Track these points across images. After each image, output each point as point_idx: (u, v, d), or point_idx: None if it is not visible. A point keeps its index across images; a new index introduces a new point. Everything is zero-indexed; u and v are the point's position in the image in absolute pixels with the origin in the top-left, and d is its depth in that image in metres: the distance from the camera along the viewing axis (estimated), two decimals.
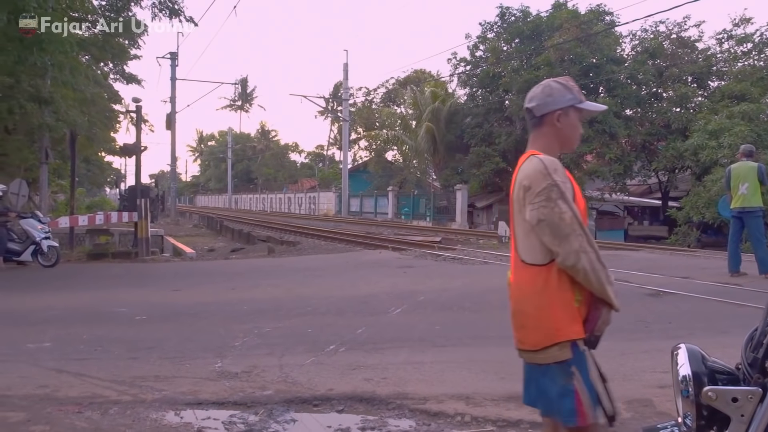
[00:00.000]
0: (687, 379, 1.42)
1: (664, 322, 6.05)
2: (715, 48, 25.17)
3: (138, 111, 15.72)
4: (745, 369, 1.43)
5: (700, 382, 1.40)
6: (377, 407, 3.68)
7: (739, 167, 8.93)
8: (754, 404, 1.35)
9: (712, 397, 1.36)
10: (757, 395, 1.35)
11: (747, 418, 1.35)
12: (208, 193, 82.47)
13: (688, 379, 1.41)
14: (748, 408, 1.35)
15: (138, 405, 3.68)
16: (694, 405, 1.40)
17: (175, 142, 36.30)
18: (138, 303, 7.29)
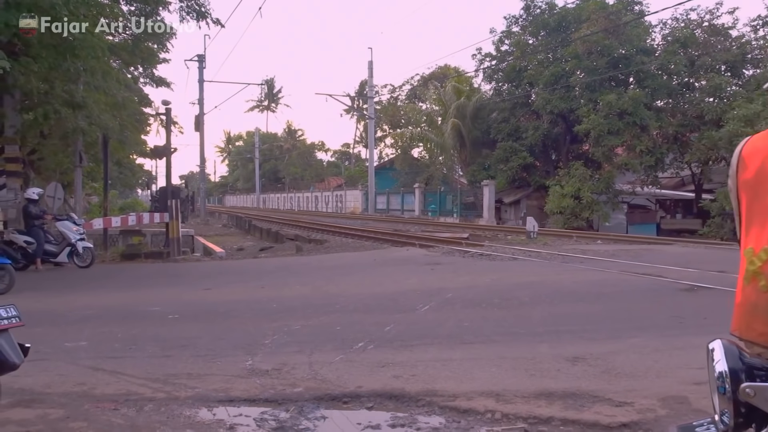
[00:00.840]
0: (723, 375, 1.38)
1: (699, 318, 5.92)
2: (749, 35, 24.49)
3: (167, 113, 15.99)
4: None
5: (738, 378, 1.36)
6: (407, 404, 3.68)
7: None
8: None
9: (750, 394, 1.33)
10: None
11: None
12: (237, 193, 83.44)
13: (725, 376, 1.37)
14: None
15: (172, 402, 3.74)
16: (731, 402, 1.36)
17: (203, 143, 36.96)
18: (170, 302, 7.41)
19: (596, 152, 24.45)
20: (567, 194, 24.06)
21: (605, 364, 4.32)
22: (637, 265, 9.75)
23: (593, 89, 24.81)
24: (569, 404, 3.57)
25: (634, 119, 23.18)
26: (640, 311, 6.43)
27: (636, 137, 23.73)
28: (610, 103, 22.98)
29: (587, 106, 24.47)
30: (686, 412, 3.31)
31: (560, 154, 28.82)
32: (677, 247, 13.96)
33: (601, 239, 16.82)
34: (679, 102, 25.31)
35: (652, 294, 7.36)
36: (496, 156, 28.63)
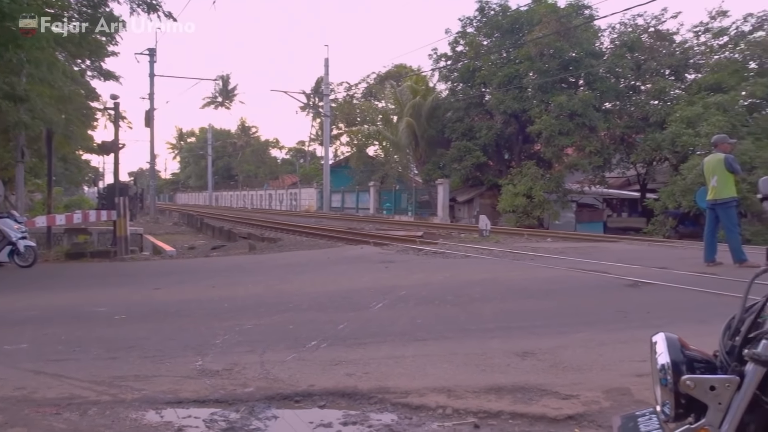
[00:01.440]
0: (666, 367, 1.43)
1: (642, 312, 6.13)
2: (692, 41, 25.53)
3: (116, 108, 15.52)
4: (723, 357, 1.45)
5: (679, 370, 1.42)
6: (359, 402, 3.68)
7: (709, 160, 9.14)
8: (731, 392, 1.37)
9: (690, 386, 1.38)
10: (734, 383, 1.37)
11: (724, 406, 1.36)
12: (188, 191, 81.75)
13: (667, 368, 1.43)
14: (726, 396, 1.37)
15: (117, 405, 3.64)
16: (672, 393, 1.41)
17: (153, 139, 36.04)
18: (117, 302, 7.20)
19: (547, 152, 25.04)
20: (519, 193, 24.55)
21: (553, 359, 4.42)
22: (585, 262, 10.02)
23: (545, 90, 25.38)
24: (518, 398, 3.64)
25: (583, 120, 23.83)
26: (587, 307, 6.61)
27: (585, 138, 24.41)
28: (561, 105, 23.56)
29: (539, 106, 25.02)
30: (629, 404, 3.43)
31: (513, 153, 29.38)
32: (622, 244, 14.43)
33: (551, 237, 17.22)
34: (625, 104, 26.17)
35: (598, 290, 7.59)
36: (451, 155, 28.96)
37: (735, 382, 1.37)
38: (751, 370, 1.37)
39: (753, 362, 1.37)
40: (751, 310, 1.46)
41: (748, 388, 1.36)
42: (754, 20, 23.31)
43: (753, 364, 1.37)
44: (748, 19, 23.46)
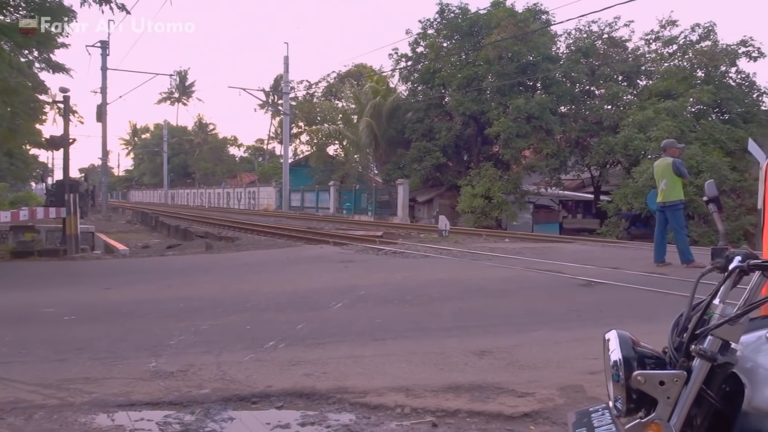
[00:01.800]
0: (618, 364, 1.47)
1: (595, 311, 6.29)
2: (643, 48, 26.35)
3: (66, 101, 15.00)
4: (672, 353, 1.50)
5: (630, 366, 1.46)
6: (317, 402, 3.66)
7: (658, 164, 9.47)
8: (679, 387, 1.41)
9: (641, 381, 1.42)
10: (682, 378, 1.42)
11: (673, 400, 1.41)
12: (143, 188, 79.76)
13: (619, 364, 1.47)
14: (674, 390, 1.41)
15: (66, 409, 3.51)
16: (624, 389, 1.45)
17: (106, 134, 34.81)
18: (67, 302, 6.96)
19: (505, 154, 25.44)
20: (478, 194, 24.87)
21: (510, 357, 4.49)
22: (541, 262, 10.22)
23: (503, 93, 25.77)
24: (475, 396, 3.68)
25: (540, 123, 24.31)
26: (543, 306, 6.74)
27: (542, 141, 24.91)
28: (519, 107, 23.97)
29: (497, 109, 25.39)
30: (582, 400, 3.50)
31: (472, 155, 29.74)
32: (577, 245, 14.78)
33: (508, 237, 17.49)
34: (581, 108, 26.81)
35: (554, 289, 7.75)
36: (411, 155, 29.11)
37: (683, 377, 1.42)
38: (697, 365, 1.42)
39: (699, 358, 1.42)
40: (697, 308, 1.51)
41: (694, 383, 1.41)
42: (701, 30, 24.24)
43: (699, 359, 1.42)
44: (696, 29, 24.39)
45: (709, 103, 21.87)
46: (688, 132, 20.31)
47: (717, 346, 1.42)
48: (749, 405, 1.35)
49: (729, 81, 23.97)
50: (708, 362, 1.41)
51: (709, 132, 20.99)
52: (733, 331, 1.42)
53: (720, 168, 19.15)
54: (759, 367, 1.40)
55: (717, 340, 1.42)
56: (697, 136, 20.54)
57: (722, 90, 22.67)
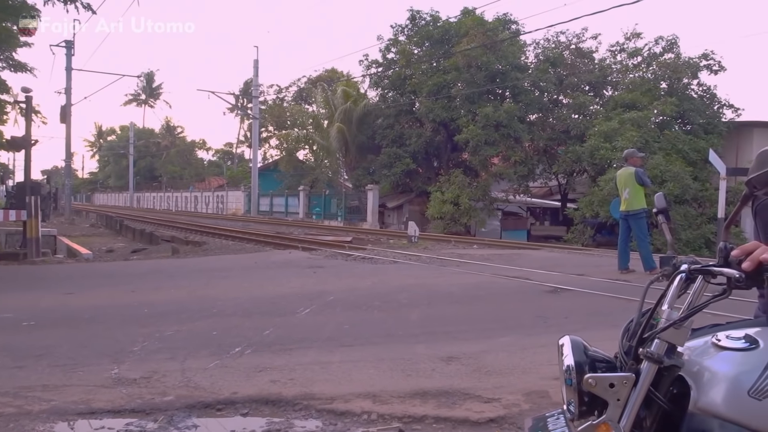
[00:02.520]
0: (570, 368, 1.52)
1: (560, 317, 6.38)
2: (609, 59, 26.92)
3: (28, 102, 14.61)
4: (622, 357, 1.55)
5: (582, 370, 1.51)
6: (283, 409, 3.63)
7: (621, 173, 9.69)
8: (628, 389, 1.46)
9: (592, 384, 1.47)
10: (630, 380, 1.47)
11: (622, 401, 1.46)
12: (108, 191, 78.13)
13: (571, 369, 1.52)
14: (624, 392, 1.46)
15: (23, 417, 3.41)
16: (576, 392, 1.50)
17: (70, 135, 33.91)
18: (26, 308, 6.77)
19: (474, 161, 25.68)
20: (447, 200, 25.03)
21: (477, 363, 4.53)
22: (509, 268, 10.34)
23: (472, 101, 26.04)
24: (442, 402, 3.70)
25: (508, 131, 24.61)
26: (510, 312, 6.82)
27: (510, 148, 25.22)
28: (488, 115, 24.24)
29: (467, 116, 25.63)
30: (546, 405, 3.55)
31: (441, 161, 29.94)
32: (544, 251, 14.98)
33: (477, 244, 17.64)
34: (548, 117, 27.23)
35: (521, 295, 7.84)
36: (381, 161, 29.18)
37: (631, 380, 1.46)
38: (645, 368, 1.47)
39: (647, 360, 1.47)
40: (647, 313, 1.56)
41: (642, 385, 1.46)
42: (665, 43, 24.88)
43: (647, 361, 1.47)
44: (659, 42, 25.02)
45: (671, 114, 22.46)
46: (652, 142, 20.81)
47: (663, 349, 1.46)
48: (695, 406, 1.40)
49: (691, 93, 24.65)
50: (655, 364, 1.46)
51: (672, 142, 21.55)
52: (679, 334, 1.47)
53: (682, 177, 19.66)
54: (704, 370, 1.45)
55: (663, 343, 1.47)
56: (660, 146, 21.06)
57: (685, 101, 23.30)
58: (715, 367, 1.44)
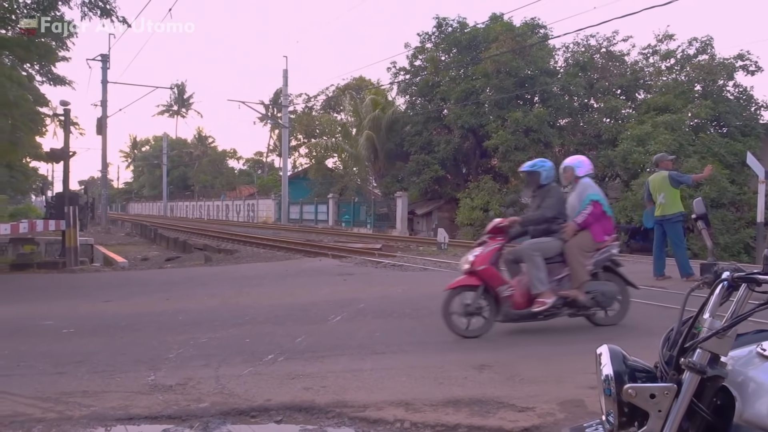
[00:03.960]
0: (609, 378, 1.49)
1: (595, 325, 6.26)
2: (642, 62, 26.48)
3: (66, 114, 15.07)
4: (662, 367, 1.51)
5: (621, 380, 1.47)
6: (316, 416, 3.64)
7: (654, 179, 9.49)
8: (670, 399, 1.43)
9: (632, 394, 1.44)
10: (672, 391, 1.43)
11: (664, 413, 1.42)
12: (142, 201, 79.80)
13: (610, 379, 1.49)
14: (665, 403, 1.43)
15: (64, 422, 3.50)
16: (615, 402, 1.47)
17: (106, 147, 34.81)
18: (65, 315, 6.95)
19: (504, 167, 25.48)
20: (476, 207, 24.89)
21: (510, 371, 4.48)
22: None
23: (501, 106, 25.88)
24: (475, 411, 3.67)
25: (538, 136, 24.38)
26: None
27: (540, 153, 24.91)
28: (517, 121, 24.06)
29: (496, 122, 25.48)
30: (582, 415, 3.49)
31: (470, 167, 29.79)
32: None
33: None
34: (579, 121, 26.88)
35: None
36: (409, 168, 29.18)
37: (673, 390, 1.43)
38: (687, 378, 1.43)
39: (689, 370, 1.43)
40: (687, 322, 1.52)
41: (685, 396, 1.42)
42: (698, 44, 24.37)
43: (689, 372, 1.43)
44: (693, 43, 24.52)
45: (706, 117, 21.96)
46: (686, 145, 20.37)
47: (706, 359, 1.43)
48: (740, 418, 1.36)
49: (727, 94, 24.08)
50: (697, 375, 1.42)
51: (708, 145, 21.06)
52: (722, 344, 1.43)
53: (719, 181, 19.18)
54: (750, 381, 1.40)
55: (706, 353, 1.43)
56: (695, 150, 20.60)
57: (720, 104, 22.77)
58: (761, 377, 1.40)
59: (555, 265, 5.74)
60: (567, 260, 5.70)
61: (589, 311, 5.81)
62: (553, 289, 5.64)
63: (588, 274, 5.70)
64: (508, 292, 5.58)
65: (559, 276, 5.72)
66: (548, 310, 5.60)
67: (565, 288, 5.69)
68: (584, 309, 5.77)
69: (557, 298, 5.61)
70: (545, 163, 6.21)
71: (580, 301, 5.65)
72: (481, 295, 5.56)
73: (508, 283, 5.66)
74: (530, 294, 5.61)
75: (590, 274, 5.76)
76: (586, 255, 5.73)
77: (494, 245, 5.75)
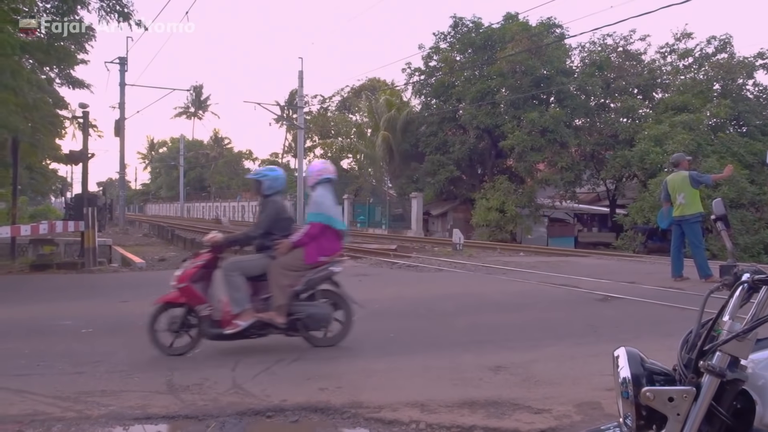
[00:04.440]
0: (626, 381, 1.47)
1: (612, 326, 6.22)
2: (659, 61, 26.21)
3: (85, 117, 15.26)
4: (681, 370, 1.49)
5: (639, 383, 1.45)
6: (332, 417, 3.65)
7: (673, 179, 9.35)
8: (688, 403, 1.41)
9: (650, 397, 1.42)
10: (691, 394, 1.41)
11: (683, 416, 1.40)
12: (159, 202, 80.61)
13: (628, 381, 1.47)
14: (684, 407, 1.40)
15: (83, 421, 3.54)
16: (633, 405, 1.45)
17: (124, 149, 35.23)
18: (84, 315, 7.03)
19: (519, 167, 25.37)
20: (492, 207, 24.80)
21: (525, 373, 4.45)
22: (556, 276, 10.15)
23: (517, 107, 25.76)
24: (491, 412, 3.65)
25: (554, 136, 24.23)
26: (558, 321, 6.68)
27: (556, 154, 24.81)
28: (533, 121, 23.93)
29: (511, 122, 25.37)
30: (599, 417, 3.46)
31: (486, 168, 29.70)
32: (593, 259, 14.65)
33: (523, 251, 17.39)
34: (595, 121, 26.69)
35: (569, 304, 7.68)
36: (425, 169, 29.15)
37: (692, 393, 1.41)
38: (706, 381, 1.41)
39: (708, 374, 1.41)
40: (706, 324, 1.50)
41: (704, 399, 1.40)
42: (717, 43, 24.07)
43: (708, 375, 1.41)
44: (711, 42, 24.22)
45: (725, 116, 21.67)
46: (705, 145, 20.14)
47: (725, 362, 1.41)
48: (761, 422, 1.34)
49: (746, 93, 23.77)
50: (717, 378, 1.40)
51: (727, 145, 20.79)
52: (742, 347, 1.41)
53: (738, 181, 18.92)
54: None
55: (725, 356, 1.41)
56: (714, 149, 20.35)
57: (740, 103, 22.47)
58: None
59: (265, 283, 5.28)
60: (268, 280, 5.24)
61: (298, 333, 5.27)
62: (256, 309, 5.20)
63: (288, 297, 5.19)
64: (206, 312, 5.17)
65: (268, 295, 5.26)
66: (247, 331, 5.14)
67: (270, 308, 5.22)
68: (290, 330, 5.25)
69: (255, 320, 5.15)
70: (272, 171, 5.66)
71: (278, 323, 5.16)
72: (188, 313, 5.18)
73: (207, 302, 5.21)
74: (232, 313, 5.17)
75: (298, 294, 5.26)
76: (290, 275, 5.24)
77: (198, 262, 5.38)
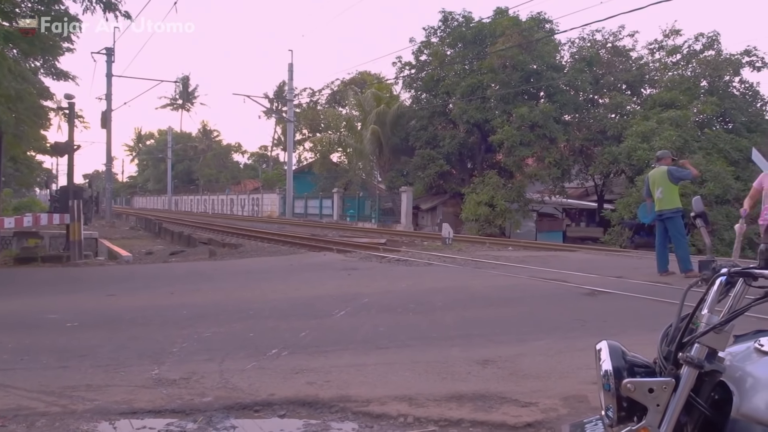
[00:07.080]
0: (608, 373, 1.50)
1: (599, 321, 6.26)
2: (647, 57, 26.37)
3: (70, 108, 15.09)
4: (661, 362, 1.52)
5: (620, 375, 1.48)
6: (320, 411, 3.64)
7: (654, 173, 9.44)
8: (668, 394, 1.44)
9: (631, 389, 1.45)
10: (670, 385, 1.44)
11: (662, 407, 1.44)
12: (147, 194, 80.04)
13: (609, 374, 1.49)
14: (663, 398, 1.44)
15: (68, 416, 3.51)
16: (614, 397, 1.48)
17: (110, 140, 34.82)
18: (69, 309, 6.97)
19: (509, 162, 25.44)
20: (481, 202, 24.86)
21: (513, 366, 4.47)
22: (545, 270, 10.19)
23: (507, 101, 25.81)
24: (479, 406, 3.66)
25: (544, 132, 24.31)
26: (546, 315, 6.72)
27: (545, 149, 24.90)
28: (523, 116, 23.99)
29: (501, 117, 25.43)
30: (585, 410, 3.48)
31: (475, 162, 29.76)
32: (581, 253, 14.73)
33: (512, 246, 17.46)
34: (584, 117, 26.81)
35: (557, 298, 7.72)
36: (414, 163, 29.16)
37: (671, 384, 1.44)
38: (685, 372, 1.44)
39: (687, 365, 1.44)
40: (686, 318, 1.53)
41: (683, 390, 1.43)
42: (705, 40, 24.25)
43: (687, 366, 1.44)
44: (699, 39, 24.39)
45: (712, 113, 21.86)
46: (692, 141, 20.30)
47: (704, 354, 1.44)
48: (738, 412, 1.37)
49: (733, 90, 23.97)
50: (695, 369, 1.43)
51: (713, 141, 20.98)
52: (719, 338, 1.44)
53: (724, 177, 19.11)
54: (747, 376, 1.42)
55: (703, 348, 1.44)
56: (701, 146, 20.53)
57: (726, 100, 22.66)
58: (758, 372, 1.41)
59: None
60: None
61: None
62: None
63: None
64: None
65: None
66: None
67: None
68: None
69: None
70: None
71: None
72: None
73: None
74: None
75: None
76: None
77: None
